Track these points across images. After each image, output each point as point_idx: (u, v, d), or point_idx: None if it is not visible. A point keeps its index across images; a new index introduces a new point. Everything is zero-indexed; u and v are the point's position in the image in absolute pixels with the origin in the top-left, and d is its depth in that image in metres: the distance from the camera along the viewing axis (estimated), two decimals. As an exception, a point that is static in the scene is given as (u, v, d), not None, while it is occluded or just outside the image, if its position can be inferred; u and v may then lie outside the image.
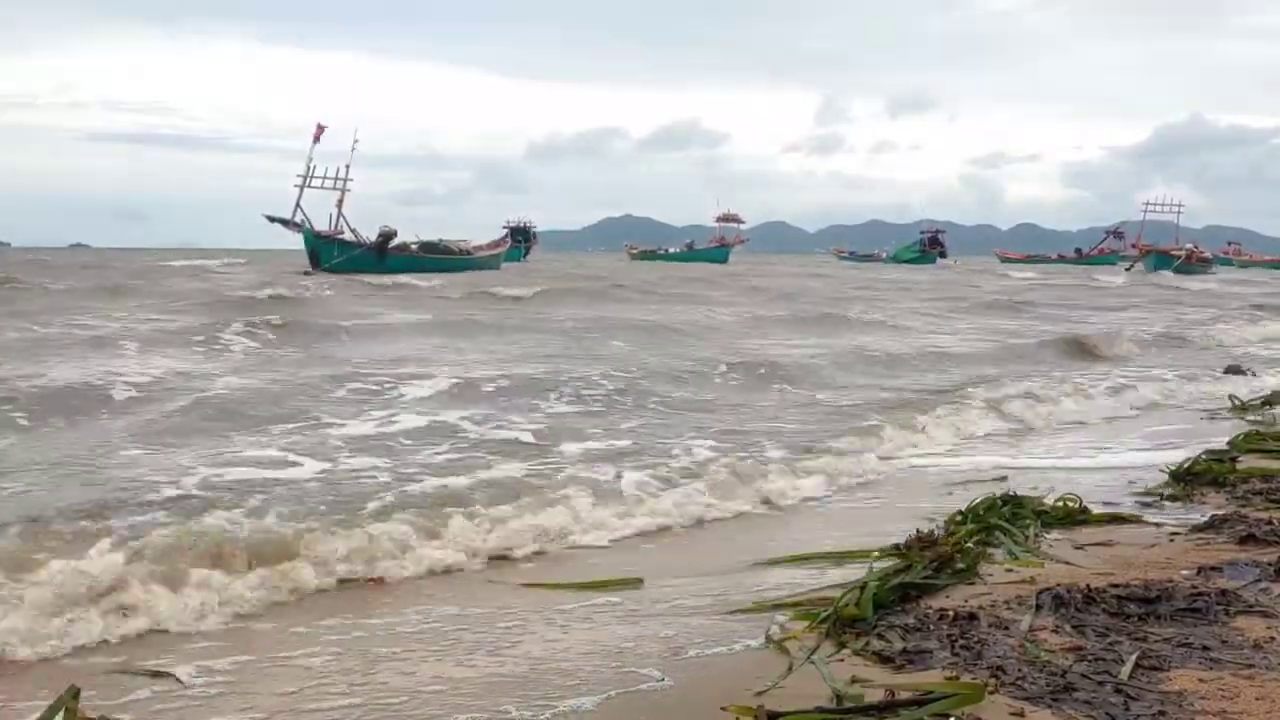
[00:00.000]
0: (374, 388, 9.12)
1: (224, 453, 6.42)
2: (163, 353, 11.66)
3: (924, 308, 23.53)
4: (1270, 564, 4.15)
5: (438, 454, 6.56)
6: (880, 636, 3.42)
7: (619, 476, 5.90)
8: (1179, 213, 69.73)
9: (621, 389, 9.39)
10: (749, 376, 10.64)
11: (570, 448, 6.80)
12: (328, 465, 6.22)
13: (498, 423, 7.57)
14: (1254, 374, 12.13)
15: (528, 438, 7.09)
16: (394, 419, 7.69)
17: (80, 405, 7.83)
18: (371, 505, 5.15)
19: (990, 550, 4.50)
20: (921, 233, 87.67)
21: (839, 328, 17.66)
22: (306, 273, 33.92)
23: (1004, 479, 6.20)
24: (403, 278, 29.31)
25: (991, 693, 2.89)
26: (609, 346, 13.54)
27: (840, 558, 4.48)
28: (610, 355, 12.33)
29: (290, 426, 7.33)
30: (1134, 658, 3.17)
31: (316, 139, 37.34)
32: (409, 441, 6.93)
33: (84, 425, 7.29)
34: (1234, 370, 12.27)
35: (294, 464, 6.21)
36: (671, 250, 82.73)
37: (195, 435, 6.95)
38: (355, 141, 38.11)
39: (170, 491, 5.35)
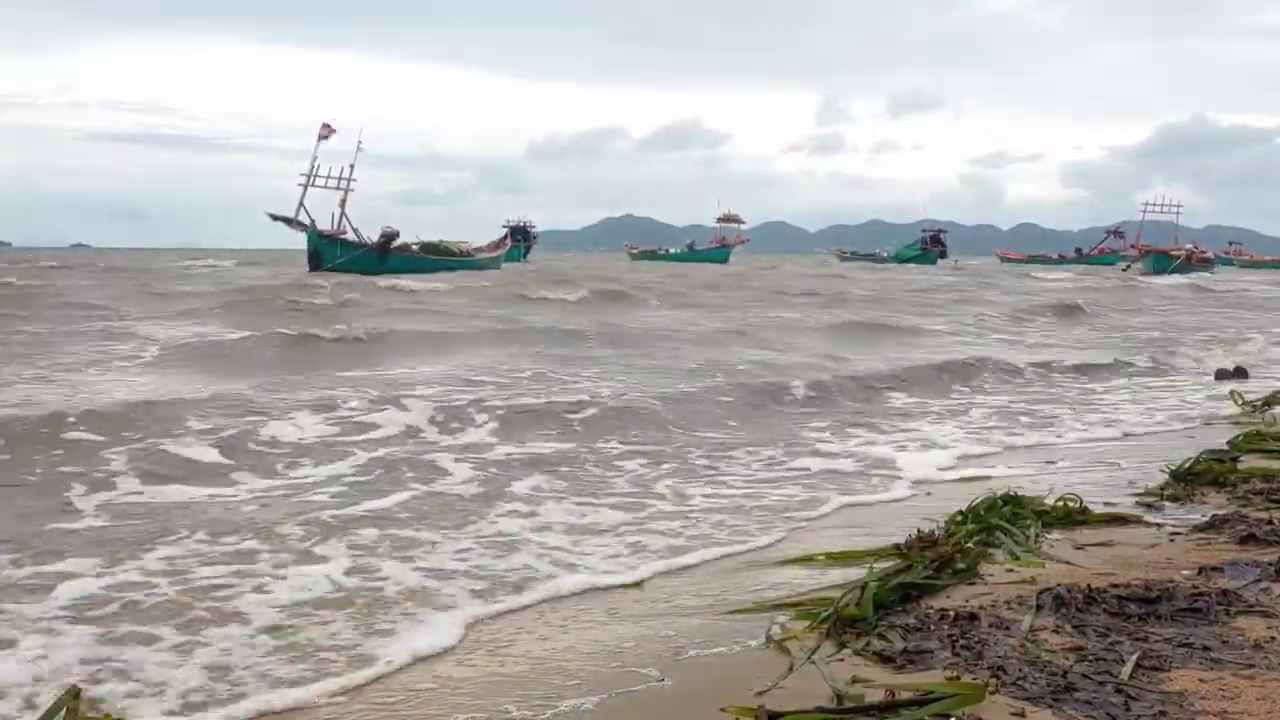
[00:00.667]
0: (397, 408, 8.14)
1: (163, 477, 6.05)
2: (170, 367, 11.44)
3: (974, 314, 22.37)
4: (1271, 564, 4.15)
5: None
6: (881, 636, 3.42)
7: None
8: (1178, 213, 69.72)
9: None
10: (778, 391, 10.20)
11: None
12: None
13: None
14: (1244, 374, 12.10)
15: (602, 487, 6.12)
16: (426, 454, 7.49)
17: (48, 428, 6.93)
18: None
19: (991, 550, 4.50)
20: (923, 231, 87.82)
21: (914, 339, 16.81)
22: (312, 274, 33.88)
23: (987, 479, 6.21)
24: (432, 280, 28.79)
25: (992, 693, 2.89)
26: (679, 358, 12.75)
27: (841, 558, 4.48)
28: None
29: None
30: (1134, 658, 3.16)
31: (323, 138, 37.31)
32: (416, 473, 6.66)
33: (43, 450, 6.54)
34: (1224, 374, 12.15)
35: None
36: (672, 250, 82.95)
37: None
38: (360, 144, 38.13)
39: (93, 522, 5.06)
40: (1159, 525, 5.05)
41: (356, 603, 3.94)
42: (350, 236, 37.69)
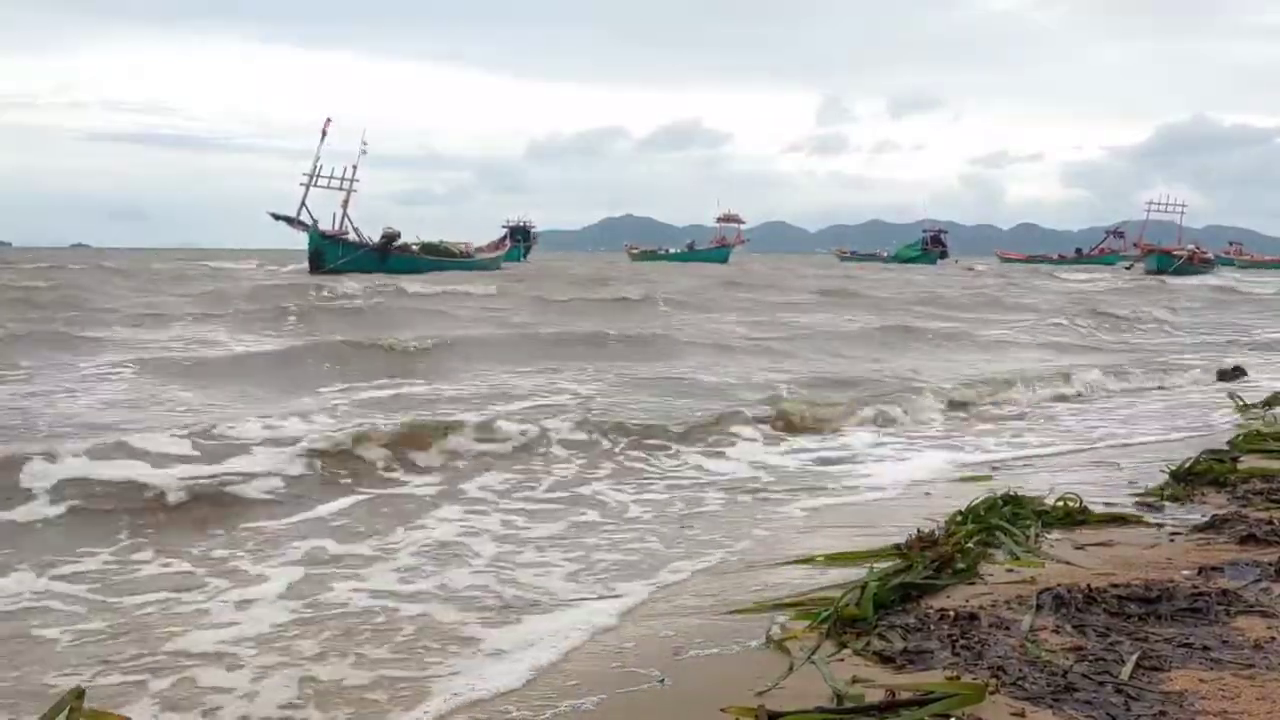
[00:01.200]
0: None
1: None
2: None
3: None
4: (1271, 564, 4.14)
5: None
6: (881, 636, 3.42)
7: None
8: (1182, 213, 69.06)
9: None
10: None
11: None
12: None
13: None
14: (1243, 373, 12.08)
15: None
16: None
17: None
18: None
19: (991, 550, 4.49)
20: (924, 232, 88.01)
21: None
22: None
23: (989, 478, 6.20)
24: (459, 285, 28.44)
25: (992, 693, 2.89)
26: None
27: (841, 558, 4.48)
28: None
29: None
30: (1134, 658, 3.16)
31: (324, 134, 37.36)
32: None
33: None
34: (1224, 375, 12.11)
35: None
36: (672, 250, 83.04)
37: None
38: (363, 145, 38.22)
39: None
40: (1159, 525, 5.05)
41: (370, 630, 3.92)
42: (352, 237, 37.77)
